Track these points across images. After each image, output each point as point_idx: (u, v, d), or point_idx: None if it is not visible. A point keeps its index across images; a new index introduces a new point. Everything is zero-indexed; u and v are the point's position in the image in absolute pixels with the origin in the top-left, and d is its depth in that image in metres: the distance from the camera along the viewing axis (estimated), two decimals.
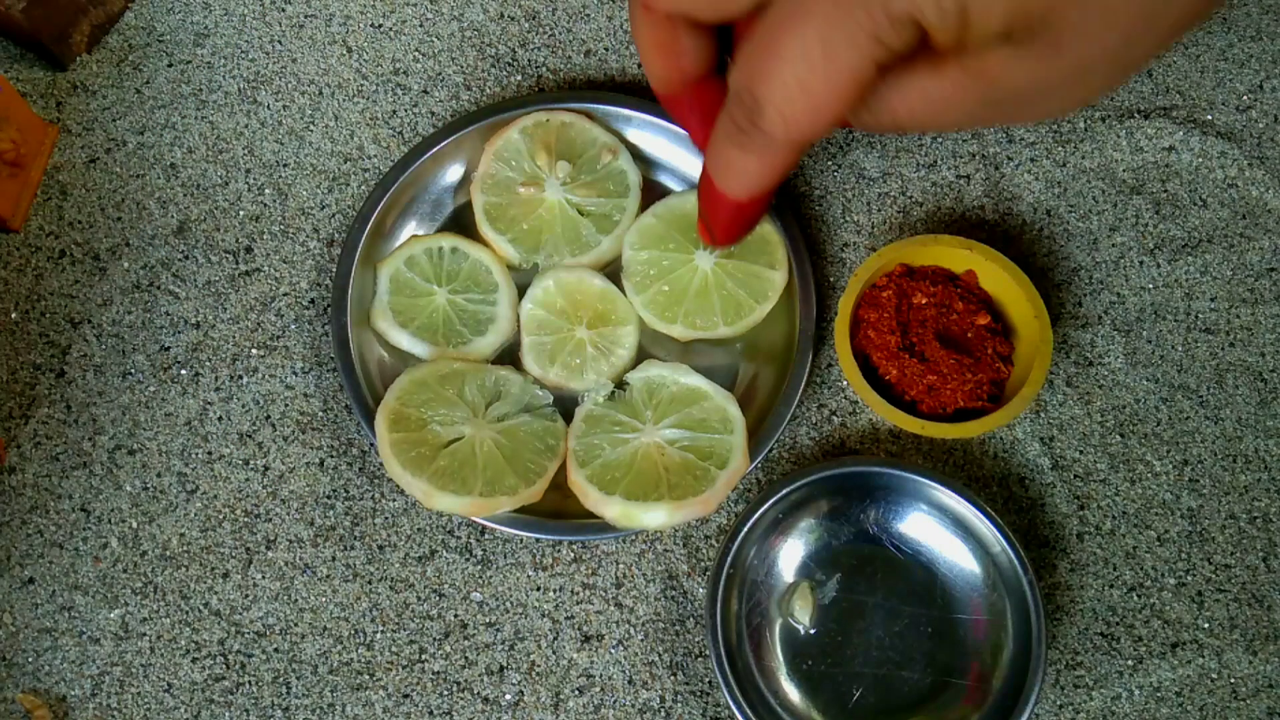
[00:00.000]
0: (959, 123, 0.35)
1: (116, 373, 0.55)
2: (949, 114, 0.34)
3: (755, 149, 0.34)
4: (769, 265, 0.53)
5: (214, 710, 0.50)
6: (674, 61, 0.37)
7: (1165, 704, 0.50)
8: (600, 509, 0.49)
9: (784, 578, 0.51)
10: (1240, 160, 0.58)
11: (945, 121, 0.34)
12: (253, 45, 0.61)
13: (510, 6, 0.62)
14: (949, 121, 0.34)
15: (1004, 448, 0.54)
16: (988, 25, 0.29)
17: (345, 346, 0.53)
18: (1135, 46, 0.30)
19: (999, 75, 0.31)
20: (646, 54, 0.37)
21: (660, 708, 0.50)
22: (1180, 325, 0.55)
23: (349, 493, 0.53)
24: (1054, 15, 0.28)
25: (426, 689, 0.51)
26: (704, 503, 0.49)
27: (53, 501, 0.53)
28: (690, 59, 0.38)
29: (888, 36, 0.30)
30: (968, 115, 0.34)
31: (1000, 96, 0.32)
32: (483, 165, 0.55)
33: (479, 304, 0.54)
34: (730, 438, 0.50)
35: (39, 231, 0.57)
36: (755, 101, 0.32)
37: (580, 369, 0.53)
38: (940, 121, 0.34)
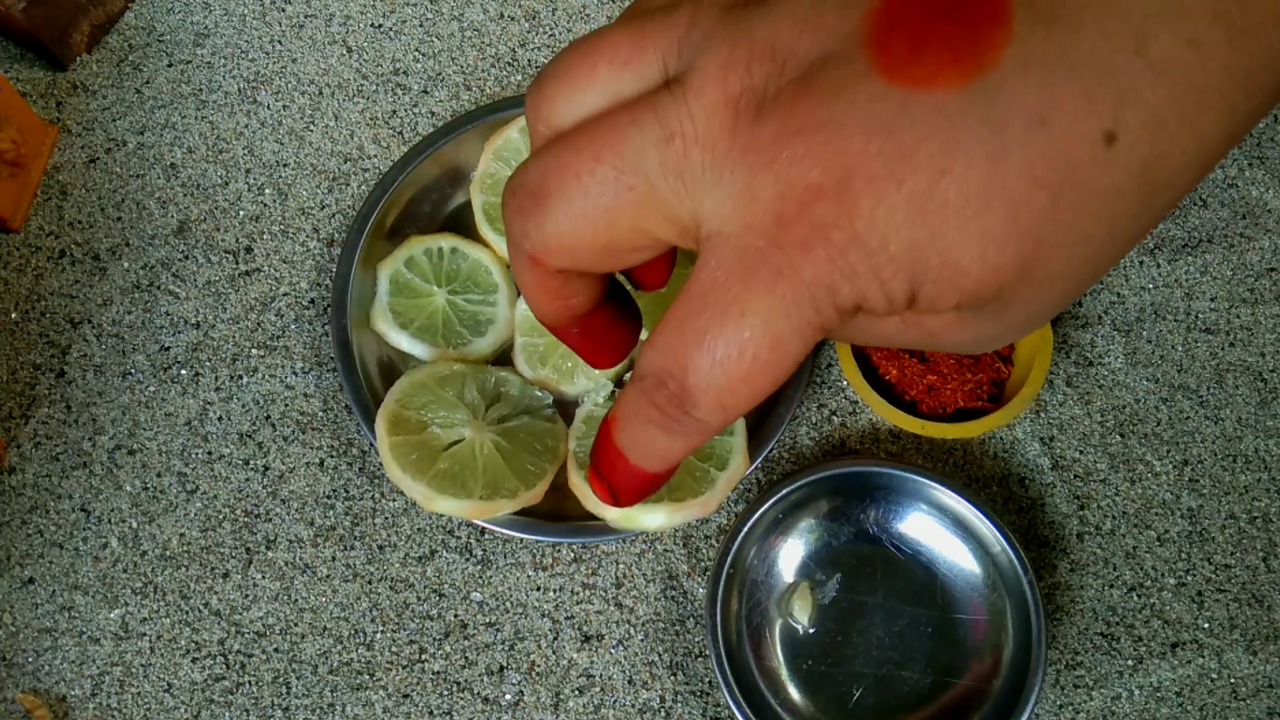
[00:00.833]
0: (897, 347, 0.35)
1: (116, 373, 0.55)
2: (888, 344, 0.34)
3: (684, 433, 0.32)
4: None
5: (214, 710, 0.50)
6: (563, 304, 0.36)
7: (1165, 704, 0.50)
8: (600, 511, 0.49)
9: (784, 578, 0.51)
10: (1240, 160, 0.58)
11: (883, 344, 0.35)
12: (253, 45, 0.61)
13: (510, 6, 0.62)
14: (887, 345, 0.35)
15: (1004, 448, 0.54)
16: (936, 307, 0.29)
17: (345, 347, 0.53)
18: (1077, 293, 0.30)
19: (939, 332, 0.31)
20: (534, 298, 0.35)
21: (660, 708, 0.50)
22: (1180, 325, 0.55)
23: (349, 493, 0.53)
24: (1006, 294, 0.28)
25: (426, 689, 0.51)
26: (703, 504, 0.48)
27: (53, 501, 0.53)
28: (580, 299, 0.36)
29: (833, 325, 0.29)
30: (907, 346, 0.34)
31: (940, 344, 0.33)
32: (482, 165, 0.55)
33: (478, 305, 0.54)
34: (730, 439, 0.50)
35: (39, 231, 0.57)
36: (685, 392, 0.30)
37: (571, 372, 0.53)
38: (878, 344, 0.34)
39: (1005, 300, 0.29)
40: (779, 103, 0.27)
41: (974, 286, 0.27)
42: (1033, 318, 0.31)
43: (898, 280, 0.27)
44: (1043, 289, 0.29)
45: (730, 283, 0.28)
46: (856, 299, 0.28)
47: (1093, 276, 0.30)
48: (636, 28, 0.29)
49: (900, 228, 0.26)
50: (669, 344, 0.30)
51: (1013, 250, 0.27)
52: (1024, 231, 0.26)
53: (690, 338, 0.29)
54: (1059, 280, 0.28)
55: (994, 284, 0.27)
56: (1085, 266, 0.28)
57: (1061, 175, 0.25)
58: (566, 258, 0.31)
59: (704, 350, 0.29)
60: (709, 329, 0.29)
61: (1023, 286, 0.28)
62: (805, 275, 0.27)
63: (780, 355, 0.29)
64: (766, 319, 0.28)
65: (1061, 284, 0.29)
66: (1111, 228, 0.27)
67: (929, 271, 0.27)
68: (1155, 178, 0.26)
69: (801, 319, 0.28)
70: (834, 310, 0.28)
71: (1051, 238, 0.27)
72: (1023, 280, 0.28)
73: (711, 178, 0.28)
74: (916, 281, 0.27)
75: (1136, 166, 0.26)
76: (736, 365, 0.29)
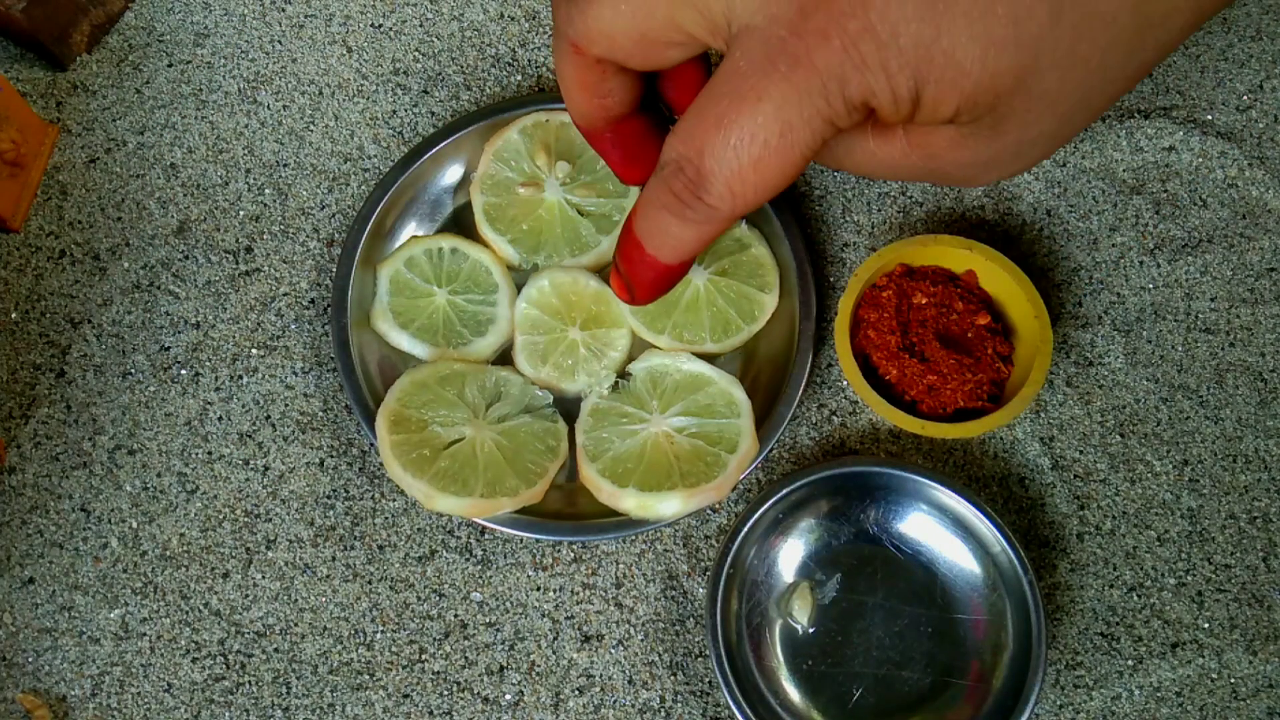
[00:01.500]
0: (902, 179, 0.36)
1: (116, 373, 0.55)
2: (892, 173, 0.35)
3: (695, 220, 0.34)
4: (760, 288, 0.53)
5: (214, 710, 0.50)
6: (599, 101, 0.37)
7: (1165, 704, 0.50)
8: (615, 502, 0.49)
9: (784, 578, 0.51)
10: (1240, 160, 0.58)
11: (888, 177, 0.36)
12: (253, 45, 0.61)
13: (510, 6, 0.62)
14: (892, 177, 0.36)
15: (1004, 448, 0.54)
16: (937, 113, 0.30)
17: (345, 347, 0.53)
18: (1070, 125, 0.32)
19: (940, 151, 0.33)
20: (570, 91, 0.37)
21: (660, 708, 0.50)
22: (1180, 325, 0.55)
23: (349, 493, 0.53)
24: (1001, 105, 0.30)
25: (426, 689, 0.51)
26: (717, 488, 0.49)
27: (53, 501, 0.53)
28: (615, 100, 0.37)
29: (841, 119, 0.30)
30: (910, 176, 0.35)
31: (941, 167, 0.34)
32: (482, 165, 0.55)
33: (479, 305, 0.54)
34: (738, 421, 0.50)
35: (39, 231, 0.57)
36: (700, 175, 0.32)
37: (572, 370, 0.53)
38: (882, 176, 0.36)
39: (1000, 114, 0.30)
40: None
41: (973, 90, 0.29)
42: (1024, 146, 0.32)
43: (903, 75, 0.29)
44: (1037, 110, 0.30)
45: (750, 72, 0.30)
46: (865, 93, 0.29)
47: (1083, 113, 0.31)
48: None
49: (910, 21, 0.28)
50: (689, 130, 0.32)
51: (1011, 58, 0.28)
52: (1023, 41, 0.28)
53: (709, 122, 0.31)
54: (1052, 104, 0.30)
55: (991, 90, 0.29)
56: (1076, 93, 0.30)
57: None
58: (605, 45, 0.33)
59: (719, 134, 0.31)
60: (726, 114, 0.31)
61: (1018, 100, 0.29)
62: (819, 64, 0.29)
63: (789, 144, 0.30)
64: (779, 105, 0.30)
65: (1054, 110, 0.30)
66: (1105, 57, 0.29)
67: (933, 70, 0.29)
68: (1150, 11, 0.28)
69: (812, 108, 0.30)
70: (842, 103, 0.30)
71: (1049, 53, 0.28)
72: (1018, 92, 0.29)
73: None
74: (921, 79, 0.29)
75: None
76: (748, 150, 0.31)
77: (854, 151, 0.34)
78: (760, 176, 0.31)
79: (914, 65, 0.29)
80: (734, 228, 0.54)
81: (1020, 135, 0.31)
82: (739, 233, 0.54)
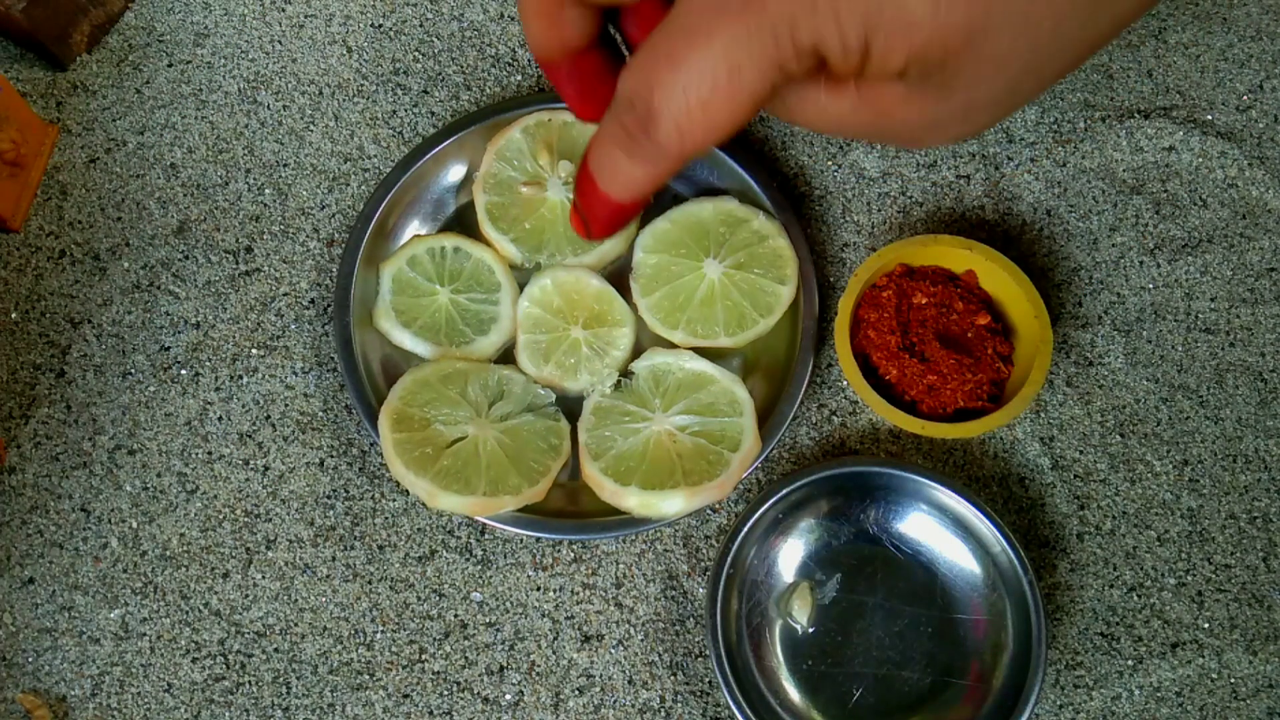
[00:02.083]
0: (851, 136, 0.36)
1: (116, 373, 0.55)
2: (841, 129, 0.35)
3: (644, 158, 0.34)
4: (778, 280, 0.53)
5: (214, 710, 0.50)
6: (556, 31, 0.37)
7: (1165, 704, 0.50)
8: (618, 500, 0.49)
9: (784, 578, 0.51)
10: (1240, 160, 0.58)
11: (837, 133, 0.36)
12: (253, 45, 0.61)
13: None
14: (841, 133, 0.36)
15: (1004, 448, 0.54)
16: (886, 65, 0.30)
17: (348, 346, 0.53)
18: (1018, 94, 0.32)
19: (889, 108, 0.33)
20: (528, 19, 0.37)
21: (660, 708, 0.50)
22: (1180, 325, 0.55)
23: (349, 493, 0.53)
24: (951, 61, 0.30)
25: (426, 689, 0.51)
26: (720, 486, 0.49)
27: (53, 501, 0.53)
28: (573, 30, 0.37)
29: (790, 65, 0.30)
30: (859, 133, 0.35)
31: (889, 125, 0.34)
32: (485, 165, 0.55)
33: (481, 303, 0.54)
34: (740, 420, 0.50)
35: (39, 231, 0.57)
36: (650, 112, 0.32)
37: (574, 369, 0.53)
38: (832, 131, 0.36)
39: (950, 72, 0.30)
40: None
41: (923, 44, 0.29)
42: (972, 109, 0.32)
43: (853, 22, 0.29)
44: (986, 71, 0.30)
45: (704, 12, 0.30)
46: (814, 38, 0.29)
47: (1031, 80, 0.31)
48: None
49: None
50: (641, 65, 0.32)
51: (962, 13, 0.28)
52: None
53: (660, 59, 0.31)
54: (1002, 66, 0.30)
55: (941, 45, 0.29)
56: (1026, 57, 0.30)
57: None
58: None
59: (670, 71, 0.31)
60: (676, 52, 0.31)
61: (967, 59, 0.30)
62: (770, 5, 0.29)
63: (737, 86, 0.30)
64: (728, 45, 0.30)
65: (1003, 73, 0.30)
66: (1058, 24, 0.29)
67: (884, 19, 0.28)
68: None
69: (761, 50, 0.30)
70: (791, 46, 0.30)
71: (1000, 12, 0.28)
72: (968, 49, 0.29)
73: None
74: (871, 27, 0.29)
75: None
76: (696, 90, 0.31)
77: (804, 103, 0.34)
78: (708, 117, 0.31)
79: (864, 12, 0.29)
80: (752, 218, 0.54)
81: (968, 96, 0.31)
82: (758, 224, 0.54)
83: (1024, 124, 0.59)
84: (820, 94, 0.34)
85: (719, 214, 0.55)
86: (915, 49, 0.29)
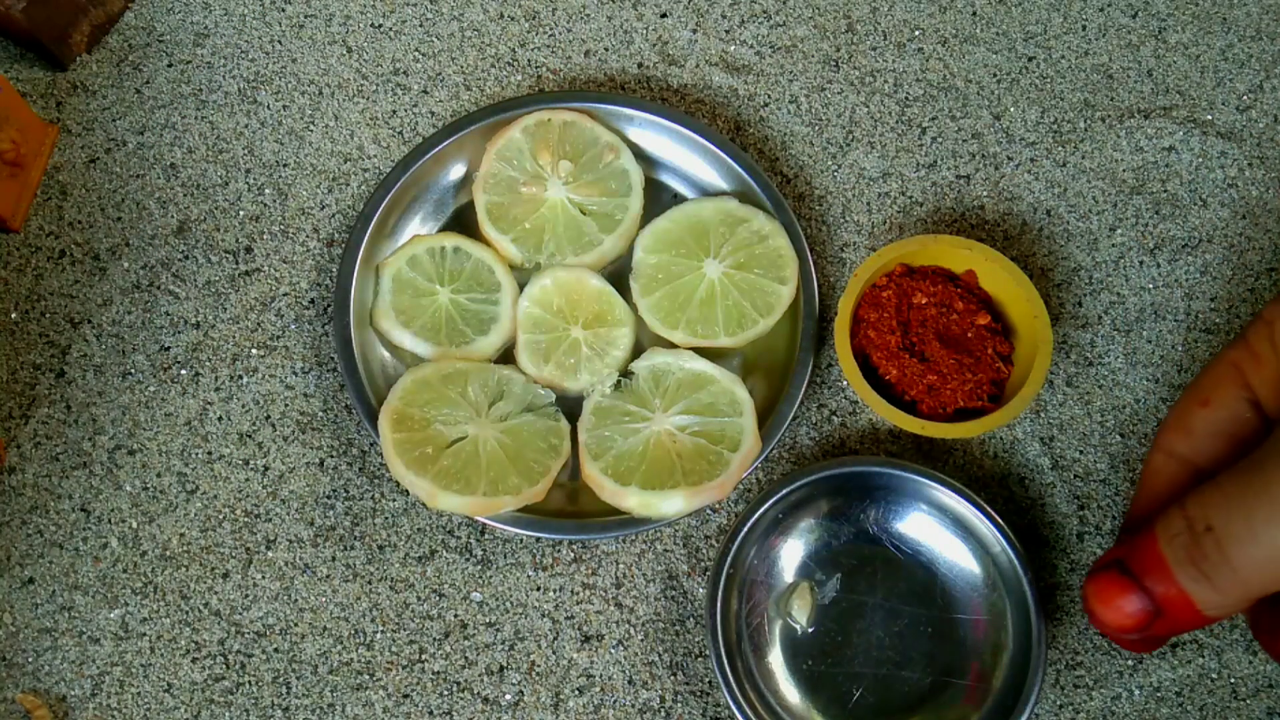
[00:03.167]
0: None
1: (116, 373, 0.55)
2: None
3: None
4: (778, 280, 0.53)
5: (214, 710, 0.50)
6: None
7: (1165, 704, 0.50)
8: (618, 500, 0.49)
9: (784, 578, 0.51)
10: (1240, 160, 0.58)
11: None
12: (253, 45, 0.61)
13: (510, 6, 0.62)
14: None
15: (1004, 448, 0.54)
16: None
17: (348, 346, 0.53)
18: None
19: None
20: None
21: (660, 708, 0.50)
22: (1180, 325, 0.55)
23: (349, 493, 0.53)
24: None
25: (426, 689, 0.51)
26: (719, 487, 0.49)
27: (53, 501, 0.53)
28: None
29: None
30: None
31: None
32: (485, 164, 0.55)
33: (481, 304, 0.54)
34: (740, 420, 0.50)
35: (39, 231, 0.57)
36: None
37: (574, 369, 0.53)
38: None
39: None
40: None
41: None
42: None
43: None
44: None
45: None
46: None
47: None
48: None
49: None
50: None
51: None
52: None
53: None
54: None
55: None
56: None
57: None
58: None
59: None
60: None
61: None
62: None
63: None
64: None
65: None
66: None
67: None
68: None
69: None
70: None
71: None
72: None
73: None
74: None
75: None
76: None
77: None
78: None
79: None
80: (752, 218, 0.54)
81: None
82: (758, 224, 0.54)
83: (1024, 124, 0.59)
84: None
85: (719, 214, 0.55)
86: None
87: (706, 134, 0.56)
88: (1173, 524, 0.38)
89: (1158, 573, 0.39)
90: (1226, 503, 0.37)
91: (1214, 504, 0.37)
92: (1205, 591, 0.38)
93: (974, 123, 0.59)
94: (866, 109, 0.60)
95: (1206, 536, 0.37)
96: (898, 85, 0.60)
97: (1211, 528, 0.37)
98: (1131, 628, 0.40)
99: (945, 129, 0.59)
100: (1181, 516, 0.38)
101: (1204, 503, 0.38)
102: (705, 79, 0.60)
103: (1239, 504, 0.36)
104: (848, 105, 0.60)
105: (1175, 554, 0.38)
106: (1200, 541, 0.37)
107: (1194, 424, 0.43)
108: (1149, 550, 0.39)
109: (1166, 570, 0.38)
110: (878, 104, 0.60)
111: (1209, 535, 0.37)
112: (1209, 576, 0.37)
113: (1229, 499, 0.37)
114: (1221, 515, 0.37)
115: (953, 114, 0.59)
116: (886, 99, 0.60)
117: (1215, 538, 0.37)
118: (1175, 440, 0.43)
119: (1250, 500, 0.36)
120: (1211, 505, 0.37)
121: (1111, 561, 0.40)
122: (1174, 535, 0.38)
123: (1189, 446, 0.43)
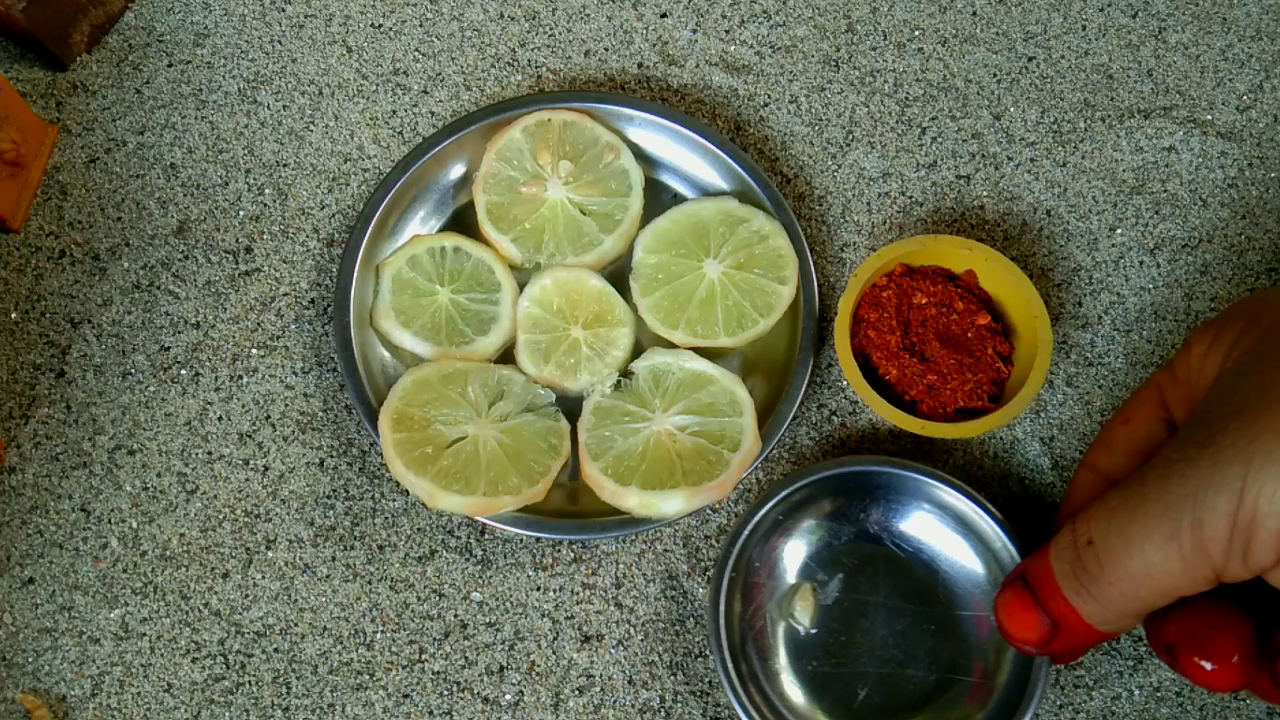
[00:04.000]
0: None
1: (116, 373, 0.55)
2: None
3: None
4: (778, 280, 0.53)
5: (214, 710, 0.50)
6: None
7: (1165, 704, 0.50)
8: (618, 500, 0.49)
9: (786, 578, 0.51)
10: (1240, 160, 0.58)
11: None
12: (253, 45, 0.61)
13: (510, 6, 0.62)
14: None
15: (1004, 448, 0.54)
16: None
17: (347, 347, 0.53)
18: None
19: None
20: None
21: (660, 708, 0.50)
22: (1180, 325, 0.55)
23: (349, 493, 0.53)
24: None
25: (426, 689, 0.50)
26: (720, 487, 0.49)
27: (53, 501, 0.53)
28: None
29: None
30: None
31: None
32: (485, 164, 0.55)
33: (481, 304, 0.54)
34: (740, 420, 0.50)
35: (39, 231, 0.57)
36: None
37: (574, 369, 0.53)
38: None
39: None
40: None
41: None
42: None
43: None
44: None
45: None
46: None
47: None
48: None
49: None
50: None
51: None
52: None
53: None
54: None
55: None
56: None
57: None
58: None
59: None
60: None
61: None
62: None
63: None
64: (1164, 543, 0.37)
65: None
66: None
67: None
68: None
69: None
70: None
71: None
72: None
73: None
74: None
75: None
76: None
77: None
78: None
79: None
80: (752, 218, 0.54)
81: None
82: (758, 224, 0.54)
83: (1024, 124, 0.59)
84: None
85: (719, 214, 0.55)
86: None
87: (706, 134, 0.56)
88: (1062, 538, 0.39)
89: (1049, 587, 0.39)
90: (1108, 517, 0.37)
91: (1096, 518, 0.38)
92: (1088, 604, 0.38)
93: (974, 123, 0.59)
94: (866, 109, 0.60)
95: (1087, 550, 0.37)
96: (898, 85, 0.60)
97: (1092, 541, 0.37)
98: (1035, 641, 0.41)
99: (945, 129, 0.59)
100: (1070, 531, 0.39)
101: (1089, 517, 0.38)
102: (705, 79, 0.60)
103: (1118, 518, 0.37)
104: (848, 105, 0.60)
105: (1061, 568, 0.39)
106: (1082, 555, 0.38)
107: (1115, 441, 0.44)
108: (1042, 564, 0.40)
109: (1055, 584, 0.39)
110: (878, 104, 0.60)
111: (1089, 549, 0.37)
112: (1088, 589, 0.38)
113: (1111, 513, 0.37)
114: (1102, 529, 0.37)
115: (953, 114, 0.59)
116: (886, 99, 0.60)
117: (1094, 551, 0.37)
118: (1098, 456, 0.44)
119: (1126, 514, 0.36)
120: (1094, 519, 0.38)
121: (1018, 575, 0.41)
122: (1062, 550, 0.39)
123: (1109, 462, 0.43)
